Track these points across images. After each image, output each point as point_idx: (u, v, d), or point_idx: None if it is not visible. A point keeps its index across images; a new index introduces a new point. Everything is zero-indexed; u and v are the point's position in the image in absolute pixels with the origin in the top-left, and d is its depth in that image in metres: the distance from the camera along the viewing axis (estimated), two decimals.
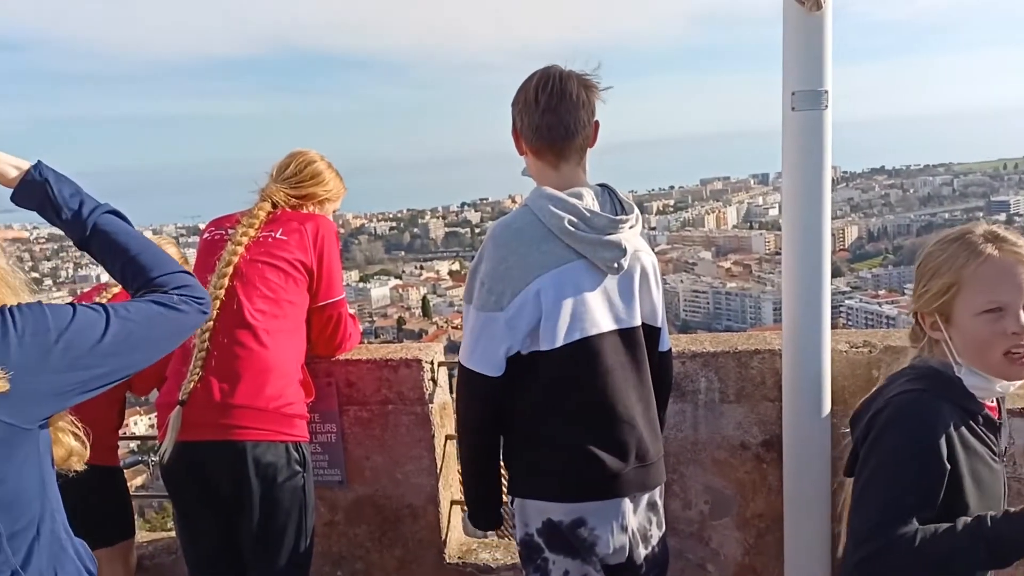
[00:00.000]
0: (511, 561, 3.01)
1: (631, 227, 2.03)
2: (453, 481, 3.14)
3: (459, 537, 3.20)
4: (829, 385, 2.49)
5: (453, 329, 71.24)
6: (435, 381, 2.97)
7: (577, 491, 2.00)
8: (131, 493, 3.16)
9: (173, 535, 3.32)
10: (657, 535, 2.15)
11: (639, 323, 2.07)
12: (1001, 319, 1.58)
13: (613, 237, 1.98)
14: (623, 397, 2.01)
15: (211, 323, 2.40)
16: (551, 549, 2.03)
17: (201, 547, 2.50)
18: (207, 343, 2.38)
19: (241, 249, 2.49)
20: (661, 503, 2.15)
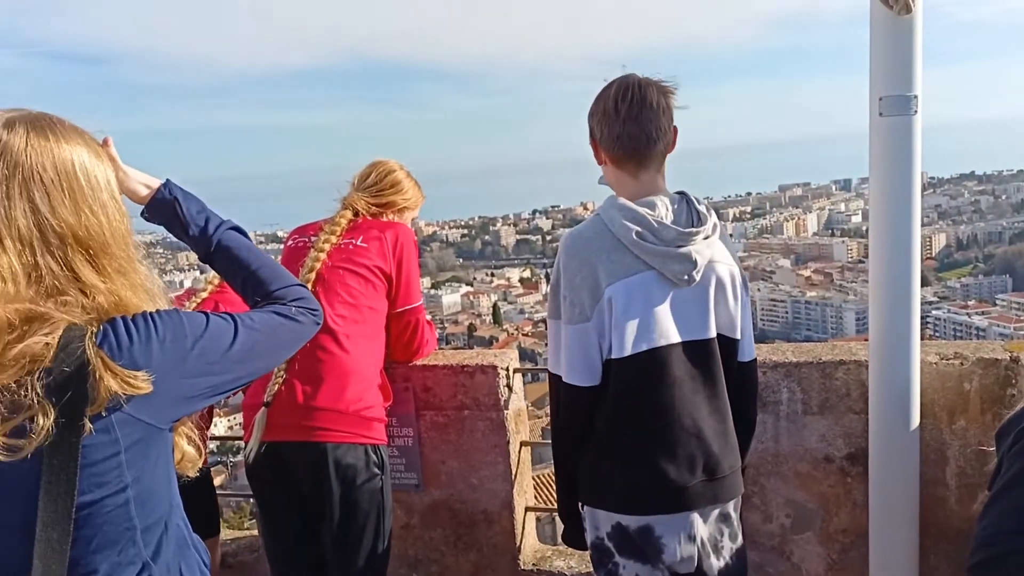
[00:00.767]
0: (586, 569, 3.00)
1: (705, 238, 1.99)
2: (528, 487, 3.15)
3: (533, 544, 3.20)
4: (918, 398, 2.41)
5: (524, 336, 71.22)
6: (510, 387, 2.99)
7: (642, 504, 1.99)
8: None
9: (255, 534, 3.42)
10: (730, 546, 2.10)
11: (713, 335, 2.03)
12: None
13: (684, 250, 1.95)
14: (691, 409, 1.98)
15: None
16: (621, 553, 2.02)
17: (282, 544, 2.58)
18: None
19: (323, 256, 2.56)
20: (736, 515, 2.11)
